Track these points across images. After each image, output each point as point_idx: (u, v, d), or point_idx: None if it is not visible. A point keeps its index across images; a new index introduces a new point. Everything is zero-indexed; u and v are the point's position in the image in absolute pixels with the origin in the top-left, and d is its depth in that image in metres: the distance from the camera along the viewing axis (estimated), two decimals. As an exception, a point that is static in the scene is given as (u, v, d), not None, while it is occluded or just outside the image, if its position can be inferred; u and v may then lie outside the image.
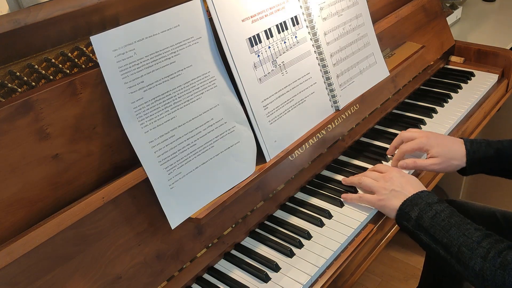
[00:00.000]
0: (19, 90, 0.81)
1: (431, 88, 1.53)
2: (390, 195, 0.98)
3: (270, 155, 0.98)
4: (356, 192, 1.10)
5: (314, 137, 1.13)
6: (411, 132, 1.15)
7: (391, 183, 1.00)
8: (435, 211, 0.90)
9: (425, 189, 0.98)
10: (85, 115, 0.80)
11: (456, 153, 1.07)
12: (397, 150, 1.15)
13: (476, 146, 1.07)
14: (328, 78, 1.11)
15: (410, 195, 0.95)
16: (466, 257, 0.83)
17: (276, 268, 0.93)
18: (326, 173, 1.19)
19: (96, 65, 0.80)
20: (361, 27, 1.21)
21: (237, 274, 0.94)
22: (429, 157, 1.10)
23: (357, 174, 1.13)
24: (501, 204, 1.98)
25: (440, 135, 1.12)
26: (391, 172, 1.04)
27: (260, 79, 0.97)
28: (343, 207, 1.06)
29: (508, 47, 1.63)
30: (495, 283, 0.80)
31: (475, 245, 0.83)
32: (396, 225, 1.09)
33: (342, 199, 1.08)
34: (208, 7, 0.89)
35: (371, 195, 1.02)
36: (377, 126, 1.37)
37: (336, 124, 1.19)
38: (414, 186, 0.98)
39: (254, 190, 1.01)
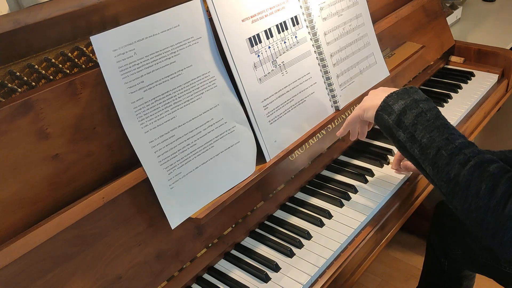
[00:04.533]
0: (19, 90, 0.81)
1: (431, 88, 1.53)
2: (372, 96, 0.94)
3: (270, 155, 0.98)
4: (356, 192, 1.10)
5: (314, 137, 1.13)
6: None
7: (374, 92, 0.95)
8: (421, 109, 0.84)
9: None
10: (85, 115, 0.80)
11: None
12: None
13: None
14: (328, 78, 1.11)
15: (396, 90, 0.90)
16: (444, 161, 0.78)
17: (276, 268, 0.93)
18: (326, 173, 1.19)
19: (96, 65, 0.80)
20: (361, 27, 1.21)
21: (237, 274, 0.94)
22: None
23: (357, 173, 1.13)
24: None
25: None
26: None
27: (260, 79, 0.97)
28: (343, 207, 1.06)
29: (508, 47, 1.64)
30: (469, 191, 0.75)
31: (456, 150, 0.78)
32: (397, 224, 1.09)
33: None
34: (208, 7, 0.89)
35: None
36: (377, 126, 1.37)
37: (336, 124, 1.19)
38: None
39: (254, 190, 1.01)
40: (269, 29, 0.99)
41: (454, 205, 0.78)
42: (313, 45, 1.08)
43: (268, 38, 0.99)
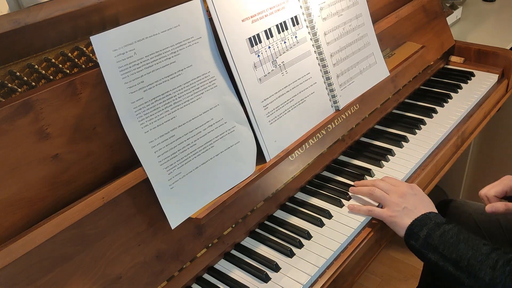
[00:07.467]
0: (19, 90, 0.81)
1: (431, 88, 1.53)
2: (402, 213, 0.98)
3: (270, 155, 0.98)
4: (356, 192, 1.10)
5: (314, 137, 1.13)
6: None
7: (403, 200, 1.00)
8: (444, 230, 0.91)
9: (435, 209, 0.99)
10: (85, 115, 0.80)
11: None
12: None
13: None
14: (328, 78, 1.11)
15: (419, 215, 0.96)
16: (476, 269, 0.85)
17: (276, 268, 0.93)
18: (326, 173, 1.19)
19: (96, 65, 0.80)
20: (361, 27, 1.21)
21: (237, 274, 0.94)
22: None
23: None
24: (501, 204, 1.97)
25: None
26: (403, 187, 1.03)
27: (260, 79, 0.97)
28: (343, 207, 1.06)
29: (508, 47, 1.64)
30: None
31: (484, 257, 0.85)
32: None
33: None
34: (208, 7, 0.89)
35: (382, 210, 1.01)
36: (377, 126, 1.37)
37: (336, 124, 1.19)
38: (425, 206, 0.99)
39: (254, 190, 1.01)
40: (269, 29, 0.99)
41: None
42: (313, 45, 1.08)
43: (268, 38, 0.99)
